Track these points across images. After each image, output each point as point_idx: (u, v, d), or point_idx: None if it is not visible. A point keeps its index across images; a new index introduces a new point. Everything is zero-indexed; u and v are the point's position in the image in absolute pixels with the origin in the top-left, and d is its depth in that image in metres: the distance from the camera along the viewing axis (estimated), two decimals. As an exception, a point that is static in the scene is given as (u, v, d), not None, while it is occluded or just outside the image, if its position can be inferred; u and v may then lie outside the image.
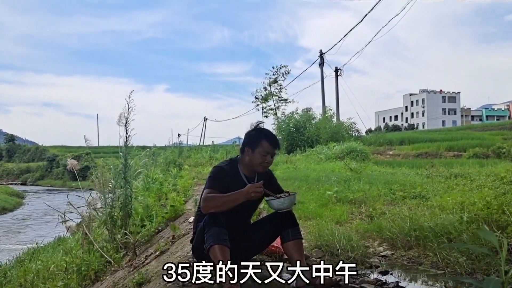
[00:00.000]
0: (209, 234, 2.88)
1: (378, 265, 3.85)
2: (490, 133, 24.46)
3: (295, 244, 3.15)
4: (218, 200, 2.97)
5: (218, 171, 3.18)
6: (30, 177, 57.46)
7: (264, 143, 3.17)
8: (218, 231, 2.88)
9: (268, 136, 3.23)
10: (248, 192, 2.92)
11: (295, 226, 3.21)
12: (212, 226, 2.89)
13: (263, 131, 3.28)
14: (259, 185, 2.96)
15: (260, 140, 3.19)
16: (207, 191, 3.04)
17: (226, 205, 2.95)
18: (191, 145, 33.48)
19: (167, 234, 5.33)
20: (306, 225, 5.10)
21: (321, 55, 27.44)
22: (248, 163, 3.22)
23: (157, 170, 11.72)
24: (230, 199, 2.95)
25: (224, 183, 3.09)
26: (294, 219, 3.24)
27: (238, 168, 3.26)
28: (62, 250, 7.42)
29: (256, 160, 3.18)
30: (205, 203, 2.99)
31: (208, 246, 2.86)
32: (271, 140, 3.20)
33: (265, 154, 3.17)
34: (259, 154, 3.17)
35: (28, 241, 12.92)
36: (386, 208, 5.78)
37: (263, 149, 3.17)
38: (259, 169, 3.21)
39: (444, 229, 4.04)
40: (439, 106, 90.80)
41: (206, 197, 3.00)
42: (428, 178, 8.72)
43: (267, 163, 3.21)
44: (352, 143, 16.68)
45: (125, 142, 5.94)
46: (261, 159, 3.17)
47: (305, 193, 7.34)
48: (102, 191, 5.89)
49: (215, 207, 2.96)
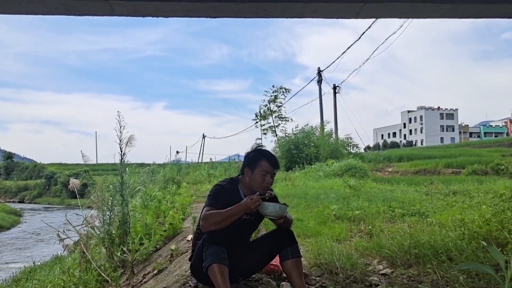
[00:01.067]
0: (208, 253, 2.87)
1: (378, 283, 3.82)
2: (489, 150, 24.49)
3: (294, 262, 3.14)
4: (217, 217, 2.95)
5: (218, 189, 3.18)
6: (28, 194, 57.20)
7: (263, 163, 3.17)
8: (217, 250, 2.86)
9: (267, 156, 3.23)
10: (247, 204, 2.92)
11: (294, 244, 3.20)
12: (211, 245, 2.88)
13: (262, 151, 3.28)
14: (255, 196, 2.97)
15: (259, 160, 3.18)
16: (207, 209, 3.04)
17: (226, 221, 2.94)
18: (189, 162, 33.47)
19: (165, 252, 5.30)
20: (305, 243, 5.07)
21: (319, 72, 27.60)
22: (248, 184, 3.21)
23: (156, 188, 11.68)
24: (229, 214, 2.95)
25: (224, 201, 3.07)
26: (293, 237, 3.24)
27: (238, 188, 3.25)
28: (59, 269, 7.36)
29: (256, 180, 3.17)
30: (204, 221, 2.98)
31: (207, 265, 2.85)
32: (270, 160, 3.20)
33: (265, 173, 3.16)
34: (258, 174, 3.16)
35: (25, 259, 12.81)
36: (385, 225, 5.76)
37: (262, 169, 3.16)
38: (259, 189, 3.16)
39: (444, 247, 4.03)
40: (437, 123, 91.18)
41: (205, 215, 2.99)
42: (427, 195, 8.70)
43: (267, 183, 3.19)
44: (351, 160, 16.67)
45: (121, 160, 5.94)
46: (260, 179, 3.16)
47: (304, 210, 7.31)
48: (100, 209, 5.87)
49: (215, 224, 2.94)
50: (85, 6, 3.16)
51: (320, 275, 3.97)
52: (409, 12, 3.45)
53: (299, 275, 3.11)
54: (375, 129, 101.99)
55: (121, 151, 5.92)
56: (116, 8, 3.15)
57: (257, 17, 3.31)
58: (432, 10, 3.36)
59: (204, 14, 3.24)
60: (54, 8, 3.18)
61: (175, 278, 3.64)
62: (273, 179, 3.25)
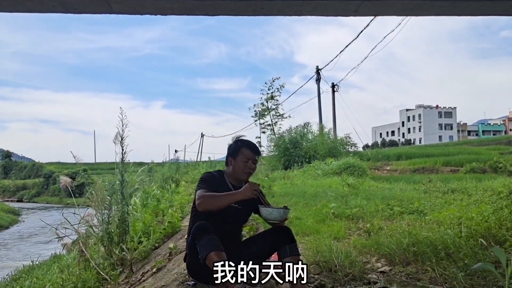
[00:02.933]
0: (201, 244, 2.87)
1: (376, 281, 3.83)
2: (487, 148, 24.52)
3: (293, 260, 3.13)
4: (214, 198, 3.04)
5: (208, 175, 3.32)
6: (26, 194, 57.16)
7: (244, 150, 3.31)
8: (210, 239, 2.88)
9: (247, 144, 3.37)
10: (247, 190, 3.01)
11: (293, 242, 3.20)
12: (203, 236, 2.89)
13: (242, 140, 3.41)
14: (257, 185, 3.06)
15: (240, 148, 3.33)
16: (202, 191, 3.11)
17: (222, 202, 3.03)
18: (188, 161, 33.45)
19: (164, 251, 5.30)
20: (303, 241, 5.08)
21: (318, 71, 27.59)
22: (232, 172, 3.33)
23: (154, 187, 11.68)
24: (226, 197, 3.04)
25: (214, 184, 3.20)
26: (292, 235, 3.24)
27: (225, 178, 3.36)
28: (57, 268, 7.35)
29: (239, 168, 3.29)
30: (201, 200, 3.04)
31: (204, 256, 2.83)
32: (250, 147, 3.34)
33: (246, 160, 3.29)
34: (240, 161, 3.29)
35: (24, 258, 12.80)
36: (383, 223, 5.77)
37: (244, 156, 3.29)
38: (243, 176, 3.32)
39: (443, 244, 4.03)
40: (435, 122, 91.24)
41: (203, 195, 3.06)
42: (425, 193, 8.71)
43: (250, 169, 3.32)
44: (350, 159, 16.68)
45: (122, 159, 5.94)
46: (243, 165, 3.29)
47: (302, 209, 7.32)
48: (99, 208, 5.87)
49: (211, 204, 3.03)
50: (83, 4, 3.15)
51: (319, 273, 3.98)
52: (408, 10, 3.44)
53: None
54: (373, 128, 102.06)
55: (122, 150, 5.92)
56: (114, 6, 3.14)
57: (255, 15, 3.30)
58: (431, 8, 3.36)
59: (202, 12, 3.24)
60: (52, 6, 3.17)
61: (174, 276, 3.64)
62: (255, 165, 3.36)
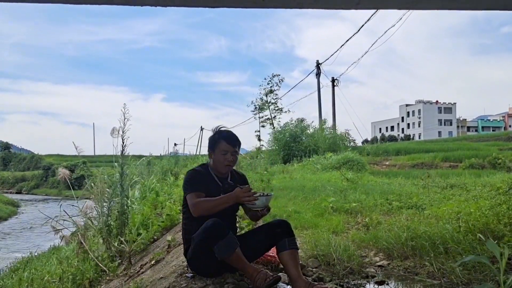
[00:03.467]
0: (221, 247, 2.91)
1: (374, 275, 3.84)
2: (486, 144, 24.53)
3: (291, 254, 3.14)
4: (207, 205, 3.06)
5: (193, 173, 3.29)
6: (25, 185, 57.14)
7: (221, 142, 3.30)
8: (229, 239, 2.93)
9: (224, 136, 3.34)
10: (237, 196, 3.02)
11: (291, 236, 3.20)
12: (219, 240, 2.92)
13: (220, 132, 3.39)
14: (247, 189, 3.06)
15: (217, 141, 3.32)
16: (193, 196, 3.13)
17: (217, 208, 3.05)
18: (187, 154, 33.45)
19: (163, 243, 5.31)
20: (302, 235, 5.09)
21: (318, 65, 27.55)
22: (213, 165, 3.35)
23: (153, 179, 11.68)
24: (220, 202, 3.05)
25: (200, 182, 3.21)
26: (291, 229, 3.24)
27: (209, 170, 3.36)
28: (56, 259, 7.37)
29: (218, 160, 3.30)
30: (195, 208, 3.08)
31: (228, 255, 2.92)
32: (227, 139, 3.32)
33: (225, 153, 3.28)
34: (219, 154, 3.29)
35: (23, 250, 12.83)
36: (382, 218, 5.78)
37: (221, 149, 3.29)
38: (223, 169, 3.32)
39: (441, 239, 4.04)
40: (435, 117, 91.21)
41: (196, 203, 3.09)
42: (424, 188, 8.72)
43: (229, 162, 3.30)
44: (349, 153, 16.68)
45: (122, 151, 5.94)
46: (222, 158, 3.29)
47: (301, 203, 7.33)
48: (98, 200, 5.88)
49: (206, 211, 3.05)
50: (83, -6, 3.13)
51: (317, 266, 3.99)
52: (409, 3, 3.42)
53: (296, 266, 3.12)
54: (373, 123, 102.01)
55: (123, 143, 5.93)
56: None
57: (256, 7, 3.28)
58: (432, 1, 3.34)
59: (203, 3, 3.21)
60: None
61: (172, 268, 3.65)
62: (234, 156, 3.33)
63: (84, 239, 5.66)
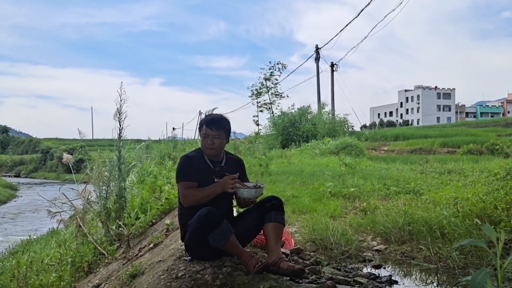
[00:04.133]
0: (216, 235, 2.94)
1: (371, 259, 3.87)
2: (484, 130, 24.54)
3: (274, 227, 3.17)
4: (196, 196, 3.14)
5: (185, 160, 3.33)
6: (23, 169, 57.19)
7: (203, 127, 3.36)
8: (223, 228, 2.95)
9: (206, 119, 3.40)
10: (224, 184, 3.09)
11: (279, 211, 3.23)
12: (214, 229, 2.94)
13: (205, 117, 3.45)
14: (234, 177, 3.12)
15: (201, 125, 3.40)
16: (183, 186, 3.20)
17: (205, 199, 3.11)
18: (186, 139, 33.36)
19: (161, 227, 5.33)
20: (300, 219, 5.11)
21: (317, 50, 27.41)
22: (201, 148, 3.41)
23: (152, 163, 11.69)
24: (208, 193, 3.12)
25: (192, 169, 3.24)
26: (281, 205, 3.28)
27: (203, 155, 3.39)
28: (55, 243, 7.40)
29: (202, 143, 3.37)
30: (185, 199, 3.17)
31: (223, 243, 2.97)
32: (207, 123, 3.36)
33: (205, 136, 3.33)
34: (202, 137, 3.37)
35: (21, 233, 12.89)
36: (380, 203, 5.80)
37: (203, 132, 3.36)
38: (207, 152, 3.35)
39: (438, 224, 4.07)
40: (434, 103, 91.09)
41: (185, 194, 3.16)
42: (422, 173, 8.74)
43: (210, 145, 3.32)
44: (347, 138, 16.69)
45: (119, 135, 5.92)
46: (203, 141, 3.35)
47: (299, 187, 7.35)
48: (96, 184, 5.88)
49: (195, 202, 3.12)
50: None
51: (315, 250, 4.02)
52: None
53: (275, 239, 3.15)
54: (372, 108, 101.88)
55: (120, 126, 5.90)
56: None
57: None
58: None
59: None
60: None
61: (170, 251, 3.67)
62: (218, 139, 3.33)
63: (82, 222, 5.68)
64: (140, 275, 3.38)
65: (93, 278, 4.58)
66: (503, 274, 1.90)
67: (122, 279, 3.46)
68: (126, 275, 3.45)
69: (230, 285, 2.76)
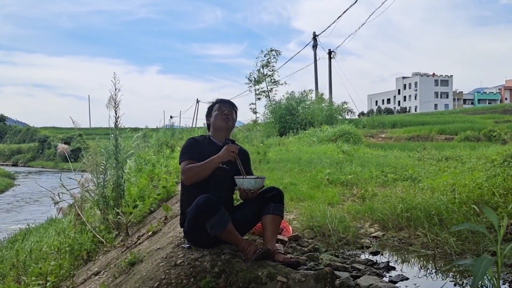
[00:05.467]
0: (213, 223, 2.92)
1: (369, 245, 3.89)
2: (482, 117, 24.59)
3: (272, 219, 3.14)
4: (196, 168, 3.11)
5: (190, 141, 3.35)
6: (21, 158, 57.07)
7: (216, 105, 3.46)
8: (221, 216, 2.93)
9: (219, 99, 3.52)
10: (224, 152, 3.10)
11: (279, 203, 3.21)
12: (211, 216, 2.91)
13: (215, 100, 3.55)
14: (235, 147, 3.15)
15: (213, 105, 3.49)
16: (184, 163, 3.19)
17: (205, 170, 3.11)
18: (183, 127, 33.33)
19: (160, 215, 5.34)
20: (298, 206, 5.13)
21: (315, 37, 27.28)
22: (213, 127, 3.43)
23: (150, 152, 11.68)
24: (207, 163, 3.11)
25: (196, 150, 3.25)
26: (281, 197, 3.24)
27: (211, 139, 3.42)
28: (54, 231, 7.42)
29: (216, 119, 3.40)
30: (185, 175, 3.14)
31: (219, 232, 2.95)
32: (221, 101, 3.48)
33: (220, 111, 3.40)
34: (216, 112, 3.42)
35: (20, 221, 12.91)
36: (377, 190, 5.82)
37: (217, 108, 3.42)
38: (222, 123, 3.39)
39: (435, 211, 4.08)
40: (431, 90, 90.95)
41: (185, 169, 3.15)
42: (419, 160, 8.77)
43: (226, 114, 3.39)
44: (345, 126, 16.70)
45: (115, 123, 5.90)
46: (219, 113, 3.40)
47: (297, 175, 7.36)
48: (94, 172, 5.88)
49: (196, 176, 3.11)
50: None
51: (313, 237, 4.03)
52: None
53: (272, 231, 3.13)
54: (369, 95, 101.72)
55: (116, 114, 5.88)
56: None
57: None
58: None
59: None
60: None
61: (169, 239, 3.67)
62: (232, 113, 3.45)
63: (81, 210, 5.69)
64: (139, 262, 3.39)
65: (92, 266, 4.60)
66: (502, 260, 1.90)
67: (121, 267, 3.47)
68: (125, 262, 3.46)
69: (228, 272, 2.77)
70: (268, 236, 3.12)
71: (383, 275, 3.15)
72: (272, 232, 3.14)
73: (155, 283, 2.73)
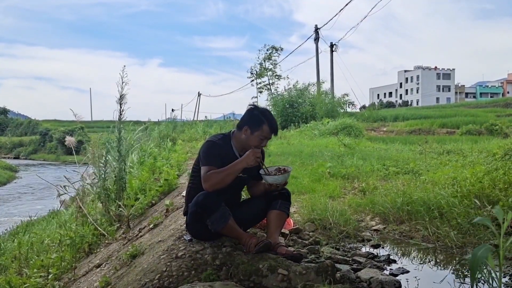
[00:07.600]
0: (215, 219, 2.91)
1: (370, 238, 3.90)
2: (484, 110, 24.55)
3: (278, 215, 3.14)
4: (219, 176, 2.95)
5: (211, 145, 3.14)
6: (23, 151, 57.16)
7: (265, 127, 3.11)
8: (222, 212, 2.93)
9: (270, 121, 3.15)
10: (249, 158, 2.94)
11: (286, 200, 3.21)
12: (213, 212, 2.91)
13: (267, 114, 3.19)
14: (257, 151, 2.98)
15: (261, 123, 3.11)
16: (206, 169, 3.01)
17: (227, 178, 2.96)
18: (185, 120, 33.32)
19: (161, 208, 5.35)
20: (299, 199, 5.13)
21: (316, 30, 27.16)
22: (244, 142, 3.16)
23: (151, 145, 11.69)
24: (231, 170, 2.96)
25: (218, 157, 3.06)
26: (288, 196, 3.24)
27: (231, 144, 3.22)
28: (55, 224, 7.44)
29: (253, 141, 3.12)
30: (207, 182, 2.96)
31: (221, 227, 2.93)
32: (272, 126, 3.14)
33: (263, 138, 3.12)
34: (257, 137, 3.11)
35: (22, 214, 12.95)
36: (379, 183, 5.82)
37: (263, 134, 3.11)
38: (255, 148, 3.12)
39: (436, 204, 4.08)
40: (433, 83, 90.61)
41: (207, 177, 2.96)
42: (421, 154, 8.76)
43: (263, 146, 3.18)
44: (346, 119, 16.69)
45: (119, 116, 5.91)
46: (258, 142, 3.11)
47: (298, 168, 7.36)
48: (96, 165, 5.88)
49: (218, 184, 2.94)
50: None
51: (314, 230, 4.04)
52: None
53: (276, 226, 3.13)
54: (371, 89, 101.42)
55: (120, 107, 5.88)
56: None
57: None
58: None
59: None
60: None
61: (170, 232, 3.68)
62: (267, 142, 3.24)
63: (82, 203, 5.70)
64: (140, 255, 3.41)
65: (94, 258, 4.61)
66: (504, 252, 1.92)
67: (122, 259, 3.49)
68: (126, 255, 3.47)
69: (229, 264, 2.78)
70: (272, 230, 3.11)
71: (384, 268, 3.16)
72: (276, 226, 3.14)
73: (156, 275, 2.74)
